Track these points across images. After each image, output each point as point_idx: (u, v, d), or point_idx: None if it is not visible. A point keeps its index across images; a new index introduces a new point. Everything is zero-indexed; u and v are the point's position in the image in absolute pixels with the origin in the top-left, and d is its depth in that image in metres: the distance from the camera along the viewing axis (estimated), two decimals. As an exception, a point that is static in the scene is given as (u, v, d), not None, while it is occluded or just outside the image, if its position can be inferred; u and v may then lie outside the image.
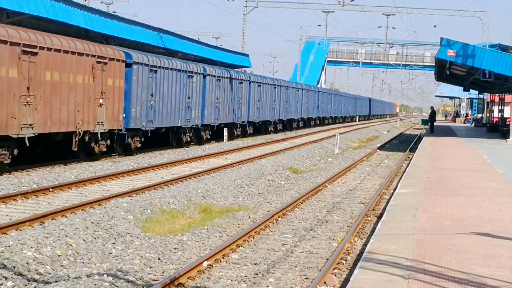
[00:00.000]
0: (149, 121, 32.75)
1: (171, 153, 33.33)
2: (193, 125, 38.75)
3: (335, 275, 12.06)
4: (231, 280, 11.71)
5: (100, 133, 27.91)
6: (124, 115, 30.24)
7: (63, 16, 32.12)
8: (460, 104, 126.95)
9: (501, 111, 67.07)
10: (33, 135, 23.27)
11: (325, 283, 11.44)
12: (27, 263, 11.73)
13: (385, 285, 9.69)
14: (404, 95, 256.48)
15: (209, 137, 41.44)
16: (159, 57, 34.60)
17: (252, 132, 52.45)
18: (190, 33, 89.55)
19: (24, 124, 22.73)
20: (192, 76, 38.26)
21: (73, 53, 25.82)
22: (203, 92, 40.35)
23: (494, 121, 70.03)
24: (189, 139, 38.09)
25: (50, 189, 19.52)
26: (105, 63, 28.25)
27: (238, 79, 47.85)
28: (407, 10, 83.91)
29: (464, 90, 70.20)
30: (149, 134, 32.90)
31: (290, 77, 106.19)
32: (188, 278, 11.41)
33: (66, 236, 13.50)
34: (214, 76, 42.22)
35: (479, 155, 33.09)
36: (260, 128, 56.67)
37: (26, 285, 10.66)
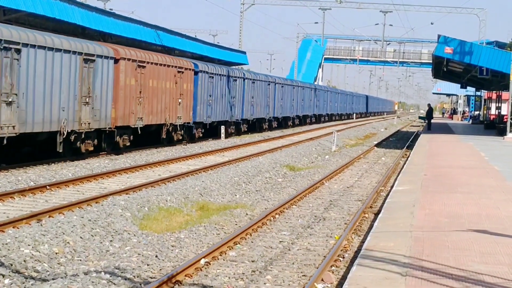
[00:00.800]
0: (207, 116, 41.88)
1: (168, 150, 33.32)
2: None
3: (333, 272, 12.06)
4: (229, 278, 11.71)
5: (179, 125, 36.64)
6: (192, 111, 38.80)
7: (60, 13, 32.09)
8: (457, 101, 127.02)
9: (498, 108, 67.08)
10: (142, 125, 31.63)
11: (322, 280, 11.44)
12: (25, 261, 11.72)
13: (383, 282, 9.69)
14: (401, 92, 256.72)
15: (201, 135, 40.49)
16: (215, 66, 44.36)
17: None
18: (187, 30, 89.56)
19: (137, 118, 31.22)
20: (236, 80, 47.98)
21: (164, 65, 34.25)
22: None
23: (491, 118, 70.08)
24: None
25: (47, 187, 19.50)
26: (182, 72, 36.88)
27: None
28: (404, 7, 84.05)
29: (461, 87, 70.35)
30: (207, 127, 42.21)
31: (287, 74, 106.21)
32: (185, 276, 11.41)
33: (64, 233, 13.50)
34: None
35: (476, 152, 33.11)
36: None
37: (23, 283, 10.65)
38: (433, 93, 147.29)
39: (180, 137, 37.33)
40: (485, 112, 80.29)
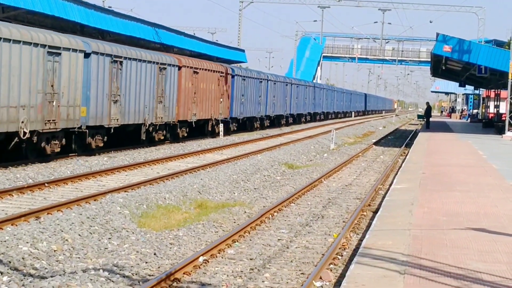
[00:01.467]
0: (240, 112, 48.37)
1: (166, 148, 33.32)
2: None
3: (331, 271, 12.07)
4: (227, 275, 11.71)
5: (220, 120, 43.37)
6: (229, 109, 45.41)
7: (59, 11, 32.07)
8: (455, 100, 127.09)
9: (496, 106, 67.14)
10: (195, 120, 38.73)
11: (321, 278, 11.44)
12: (23, 258, 11.72)
13: (381, 280, 9.69)
14: (399, 90, 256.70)
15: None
16: (247, 70, 52.54)
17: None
18: (185, 28, 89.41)
19: (192, 114, 38.28)
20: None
21: (210, 71, 41.26)
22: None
23: (490, 117, 70.10)
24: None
25: (46, 184, 19.49)
26: (223, 76, 43.86)
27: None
28: (403, 6, 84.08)
29: (460, 85, 70.38)
30: (240, 122, 49.31)
31: (286, 72, 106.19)
32: (184, 273, 11.41)
33: (62, 231, 13.49)
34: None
35: (474, 150, 33.13)
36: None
37: (21, 280, 10.64)
38: (432, 92, 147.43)
39: (218, 131, 43.37)
40: (483, 110, 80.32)
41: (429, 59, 68.48)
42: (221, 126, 43.55)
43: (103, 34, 38.30)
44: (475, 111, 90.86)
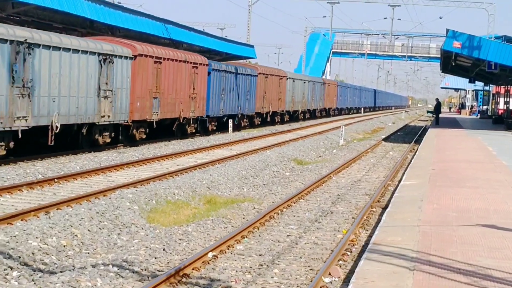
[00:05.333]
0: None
1: (176, 144, 33.34)
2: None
3: (340, 267, 12.07)
4: (236, 271, 11.72)
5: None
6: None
7: (69, 6, 32.10)
8: (465, 96, 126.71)
9: (506, 103, 66.86)
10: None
11: (330, 274, 11.44)
12: (33, 253, 11.75)
13: (391, 276, 9.68)
14: (409, 86, 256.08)
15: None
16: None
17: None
18: (195, 24, 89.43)
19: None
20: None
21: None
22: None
23: (500, 113, 69.85)
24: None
25: (55, 180, 19.54)
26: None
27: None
28: (412, 1, 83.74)
29: (470, 81, 70.06)
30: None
31: (295, 68, 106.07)
32: (193, 269, 11.42)
33: (71, 226, 13.52)
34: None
35: (484, 146, 33.04)
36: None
37: (31, 275, 10.67)
38: (441, 88, 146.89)
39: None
40: (493, 106, 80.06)
41: (439, 55, 68.24)
42: (230, 122, 43.54)
43: (112, 30, 38.33)
44: (484, 107, 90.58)
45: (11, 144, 22.30)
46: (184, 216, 16.38)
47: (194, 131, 38.44)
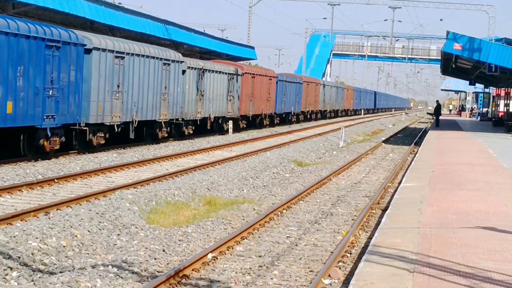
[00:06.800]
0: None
1: (175, 145, 33.34)
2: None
3: (340, 268, 12.06)
4: (236, 272, 11.71)
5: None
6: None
7: (69, 7, 32.13)
8: (465, 98, 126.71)
9: (507, 105, 66.90)
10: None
11: (329, 276, 11.43)
12: (32, 254, 11.75)
13: (390, 278, 9.68)
14: (409, 88, 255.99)
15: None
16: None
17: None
18: (195, 25, 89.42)
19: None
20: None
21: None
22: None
23: (500, 115, 69.87)
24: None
25: (55, 180, 19.54)
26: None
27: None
28: (413, 3, 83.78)
29: (470, 84, 70.03)
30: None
31: (296, 69, 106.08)
32: (192, 270, 11.42)
33: (71, 227, 13.52)
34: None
35: (484, 149, 33.04)
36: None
37: (31, 276, 10.67)
38: (442, 90, 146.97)
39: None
40: (493, 109, 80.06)
41: (439, 57, 68.25)
42: (230, 123, 43.55)
43: (113, 31, 38.33)
44: (485, 109, 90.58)
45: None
46: (184, 217, 16.38)
47: (268, 123, 54.17)
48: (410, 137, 51.81)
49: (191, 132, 37.86)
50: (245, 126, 48.73)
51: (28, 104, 22.74)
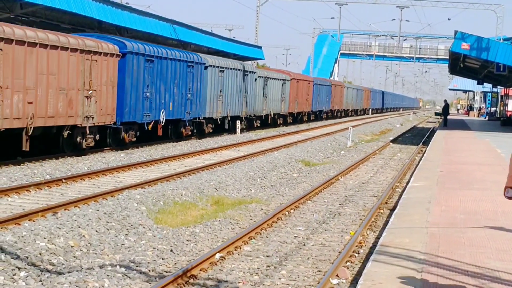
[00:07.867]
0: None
1: (183, 144, 33.36)
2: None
3: (348, 268, 12.03)
4: (243, 272, 11.70)
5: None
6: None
7: (77, 7, 32.18)
8: (473, 98, 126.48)
9: (515, 104, 66.70)
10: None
11: (337, 275, 11.41)
12: (40, 254, 11.76)
13: (398, 278, 9.65)
14: (417, 88, 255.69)
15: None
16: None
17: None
18: (203, 25, 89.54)
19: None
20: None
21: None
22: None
23: (508, 115, 69.70)
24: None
25: (63, 180, 19.57)
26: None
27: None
28: (421, 3, 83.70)
29: (478, 83, 69.98)
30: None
31: (303, 69, 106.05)
32: (200, 270, 11.41)
33: (79, 227, 13.53)
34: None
35: (492, 148, 32.95)
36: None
37: (39, 276, 10.68)
38: (450, 89, 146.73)
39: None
40: (501, 108, 79.87)
41: (447, 57, 68.13)
42: (237, 122, 43.56)
43: (120, 31, 38.39)
44: (493, 109, 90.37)
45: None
46: (191, 217, 16.38)
47: (306, 119, 62.41)
48: (418, 136, 51.72)
49: (259, 125, 49.38)
50: (291, 121, 58.95)
51: (180, 104, 34.11)
